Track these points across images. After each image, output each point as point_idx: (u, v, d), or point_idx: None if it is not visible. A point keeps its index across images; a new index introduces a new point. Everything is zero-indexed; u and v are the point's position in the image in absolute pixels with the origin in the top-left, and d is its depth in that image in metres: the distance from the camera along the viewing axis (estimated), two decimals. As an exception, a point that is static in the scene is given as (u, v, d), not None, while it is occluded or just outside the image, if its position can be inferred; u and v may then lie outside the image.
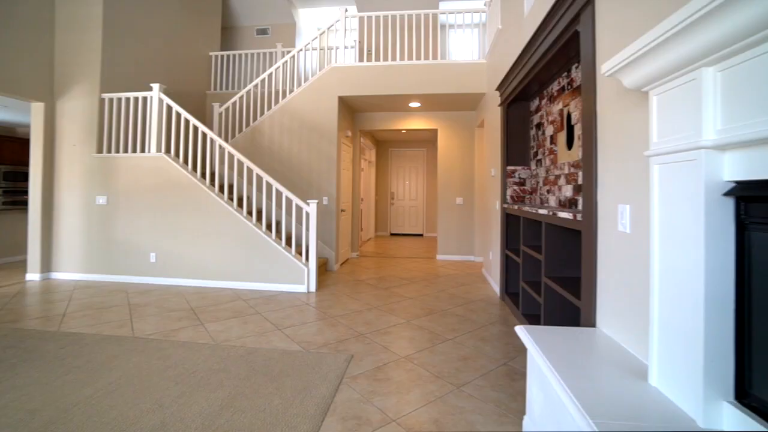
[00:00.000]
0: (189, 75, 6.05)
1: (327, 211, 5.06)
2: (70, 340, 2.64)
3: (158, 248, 4.26)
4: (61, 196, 4.53)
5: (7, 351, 2.44)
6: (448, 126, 6.04)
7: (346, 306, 3.45)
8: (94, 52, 4.55)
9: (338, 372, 2.20)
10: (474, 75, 4.90)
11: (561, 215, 2.20)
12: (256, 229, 4.03)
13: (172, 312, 3.22)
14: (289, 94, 5.30)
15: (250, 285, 4.06)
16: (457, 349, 2.51)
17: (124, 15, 4.83)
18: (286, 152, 5.22)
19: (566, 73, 2.82)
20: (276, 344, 2.58)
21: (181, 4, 5.85)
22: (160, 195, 4.28)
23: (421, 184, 9.17)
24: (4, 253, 5.52)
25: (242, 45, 7.67)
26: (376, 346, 2.56)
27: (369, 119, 6.27)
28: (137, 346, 2.53)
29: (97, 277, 4.37)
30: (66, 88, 4.61)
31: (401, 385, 2.05)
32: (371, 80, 5.05)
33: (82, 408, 1.84)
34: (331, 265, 5.03)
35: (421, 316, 3.18)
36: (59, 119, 4.61)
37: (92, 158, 4.48)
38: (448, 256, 5.93)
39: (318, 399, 1.92)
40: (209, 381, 2.09)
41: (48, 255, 4.50)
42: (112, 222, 4.38)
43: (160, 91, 4.37)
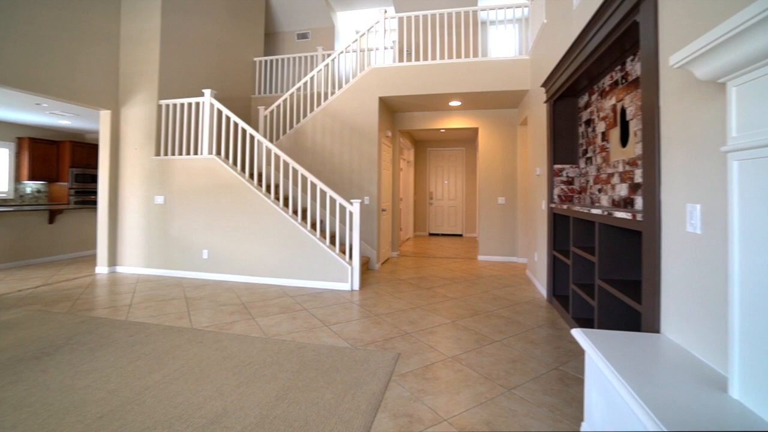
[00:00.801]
0: (235, 80, 6.33)
1: (368, 210, 5.13)
2: (137, 329, 2.86)
3: (210, 245, 4.51)
4: (125, 196, 4.91)
5: (86, 336, 2.68)
6: (489, 124, 5.93)
7: (390, 305, 3.48)
8: (152, 63, 4.88)
9: (387, 369, 2.23)
10: (516, 72, 4.78)
11: (618, 215, 2.11)
12: (301, 228, 4.16)
13: (225, 306, 3.40)
14: (329, 95, 5.41)
15: (296, 282, 4.19)
16: (506, 352, 2.47)
17: (179, 27, 5.14)
18: (328, 153, 5.34)
19: (620, 66, 2.69)
20: (324, 340, 2.65)
21: (228, 13, 6.14)
22: (211, 195, 4.52)
23: (460, 183, 9.05)
24: (77, 247, 6.04)
25: (284, 50, 7.92)
26: (423, 346, 2.57)
27: (408, 119, 6.28)
28: (196, 337, 2.69)
29: (156, 272, 4.69)
30: (128, 97, 4.97)
31: (450, 385, 2.05)
32: (411, 80, 5.06)
33: (152, 392, 1.99)
34: (373, 264, 5.09)
35: (465, 317, 3.15)
36: (123, 125, 4.99)
37: (151, 161, 4.81)
38: (490, 257, 5.82)
39: (369, 395, 1.96)
40: (264, 373, 2.18)
41: (114, 250, 4.88)
42: (168, 220, 4.69)
43: (211, 96, 4.61)
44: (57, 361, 2.33)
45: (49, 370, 2.21)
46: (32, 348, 2.51)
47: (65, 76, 4.33)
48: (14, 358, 2.36)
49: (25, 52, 3.94)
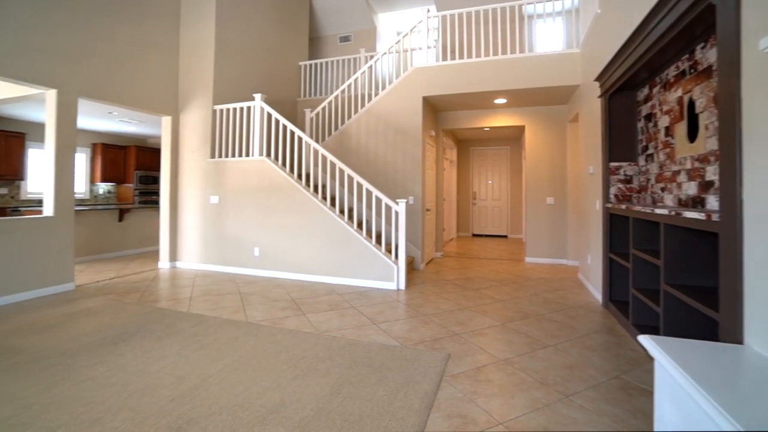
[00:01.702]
0: (282, 84, 6.57)
1: (413, 210, 5.13)
2: (197, 320, 3.05)
3: (261, 243, 4.71)
4: (183, 196, 5.25)
5: (154, 325, 2.91)
6: (536, 122, 5.73)
7: (437, 305, 3.47)
8: (208, 70, 5.18)
9: (438, 369, 2.22)
10: (565, 66, 4.58)
11: (688, 215, 1.96)
12: (348, 227, 4.25)
13: (276, 302, 3.54)
14: (373, 97, 5.47)
15: (342, 280, 4.28)
16: (561, 357, 2.38)
17: (231, 36, 5.42)
18: (373, 153, 5.40)
19: (688, 55, 2.50)
20: (373, 338, 2.69)
21: (275, 21, 6.39)
22: (262, 195, 4.72)
23: (504, 183, 8.82)
24: (141, 244, 6.54)
25: (327, 53, 8.11)
26: (473, 347, 2.53)
27: (452, 118, 6.21)
28: (251, 331, 2.83)
29: (212, 268, 4.98)
30: (187, 103, 5.32)
31: (504, 389, 2.01)
32: (455, 79, 5.00)
33: (216, 379, 2.11)
34: (417, 264, 5.09)
35: (515, 320, 3.07)
36: (182, 130, 5.34)
37: (207, 163, 5.11)
38: (538, 259, 5.62)
39: (421, 394, 1.96)
40: (317, 367, 2.25)
41: (174, 247, 5.25)
42: (222, 219, 4.96)
43: (261, 100, 4.82)
44: (131, 346, 2.54)
45: (126, 354, 2.42)
46: (110, 334, 2.75)
47: (135, 86, 4.71)
48: (96, 342, 2.60)
49: (105, 67, 4.34)
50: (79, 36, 4.08)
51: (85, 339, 2.66)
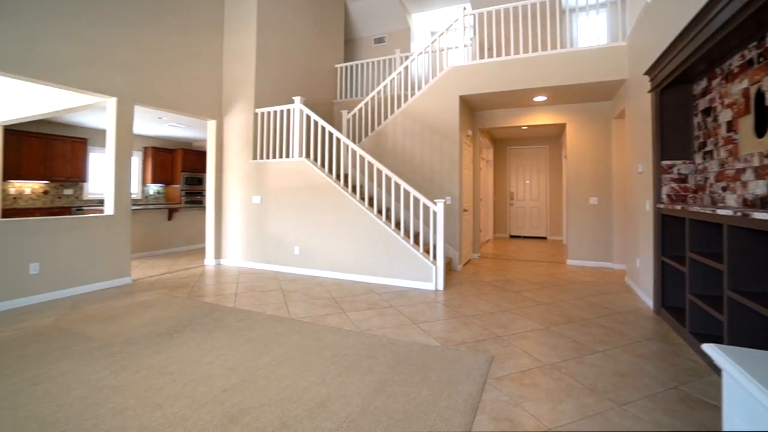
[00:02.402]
0: (319, 86, 6.71)
1: (450, 210, 5.08)
2: (243, 315, 3.18)
3: (301, 242, 4.84)
4: (227, 196, 5.48)
5: (204, 319, 3.06)
6: (578, 119, 5.51)
7: (477, 306, 3.42)
8: (249, 75, 5.38)
9: (481, 371, 2.19)
10: (610, 60, 4.38)
11: (758, 216, 1.82)
12: (386, 227, 4.28)
13: (317, 300, 3.63)
14: (409, 97, 5.47)
15: (380, 280, 4.32)
16: (611, 364, 2.28)
17: (271, 42, 5.60)
18: (409, 154, 5.40)
19: (756, 43, 2.32)
20: (414, 337, 2.70)
21: (312, 25, 6.53)
22: (301, 195, 4.85)
23: (543, 183, 8.55)
24: (188, 242, 6.90)
25: (361, 55, 8.19)
26: (516, 350, 2.48)
27: (489, 117, 6.10)
28: (295, 327, 2.91)
29: (254, 265, 5.17)
30: (230, 107, 5.55)
31: (551, 394, 1.95)
32: (492, 77, 4.90)
33: (263, 372, 2.19)
34: (455, 264, 5.04)
35: (560, 324, 2.97)
36: (226, 133, 5.58)
37: (249, 164, 5.31)
38: (581, 262, 5.41)
39: (465, 395, 1.94)
40: (360, 365, 2.29)
41: (219, 245, 5.49)
42: (264, 218, 5.14)
43: (300, 102, 4.95)
44: (185, 338, 2.68)
45: (180, 345, 2.56)
46: (165, 325, 2.92)
47: (183, 92, 4.98)
48: (153, 332, 2.78)
49: (156, 75, 4.61)
50: (134, 47, 4.36)
51: (144, 329, 2.84)
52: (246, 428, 1.68)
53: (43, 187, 6.86)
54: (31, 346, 2.53)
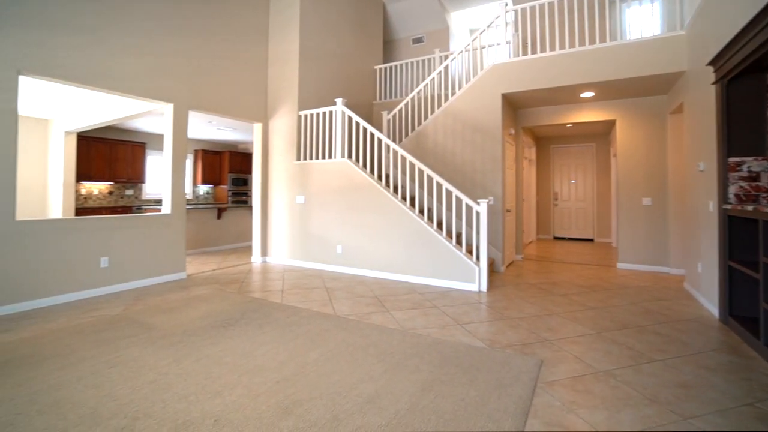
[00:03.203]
0: (359, 88, 6.81)
1: (493, 211, 4.99)
2: (291, 311, 3.30)
3: (343, 241, 4.94)
4: (272, 197, 5.70)
5: (254, 314, 3.20)
6: (629, 115, 5.22)
7: (523, 309, 3.34)
8: (293, 79, 5.56)
9: (531, 375, 2.14)
10: (666, 52, 4.11)
11: None
12: (428, 227, 4.27)
13: (361, 298, 3.69)
14: (450, 96, 5.43)
15: (422, 280, 4.32)
16: (672, 374, 2.15)
17: (312, 46, 5.76)
18: (450, 153, 5.36)
19: None
20: (459, 338, 2.68)
21: (351, 28, 6.63)
22: (344, 195, 4.94)
23: (590, 183, 8.17)
24: (235, 240, 7.24)
25: (400, 56, 8.22)
26: (567, 355, 2.40)
27: (533, 115, 5.92)
28: (340, 324, 2.98)
29: (298, 263, 5.34)
30: (275, 110, 5.76)
31: (607, 402, 1.87)
32: (536, 74, 4.75)
33: (313, 367, 2.26)
34: (498, 266, 4.94)
35: (612, 329, 2.84)
36: (271, 135, 5.80)
37: (293, 165, 5.48)
38: (633, 265, 5.12)
39: (515, 398, 1.91)
40: (406, 363, 2.30)
41: (265, 243, 5.72)
42: (307, 218, 5.29)
43: (342, 104, 5.05)
44: (237, 331, 2.82)
45: (234, 337, 2.70)
46: (219, 318, 3.09)
47: (231, 97, 5.23)
48: (209, 324, 2.95)
49: (207, 81, 4.89)
50: (188, 57, 4.64)
51: (200, 321, 3.02)
52: (299, 419, 1.75)
53: (108, 188, 7.46)
54: (105, 332, 2.77)
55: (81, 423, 1.71)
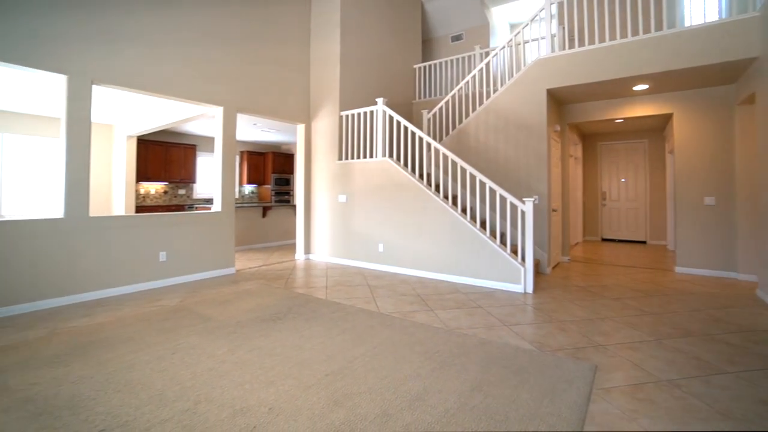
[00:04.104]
0: (398, 87, 6.82)
1: (538, 210, 4.83)
2: (335, 307, 3.37)
3: (385, 240, 4.98)
4: (315, 196, 5.85)
5: (301, 308, 3.31)
6: (689, 108, 4.86)
7: (572, 312, 3.21)
8: (334, 81, 5.67)
9: (585, 380, 2.06)
10: (734, 37, 3.77)
11: None
12: (471, 226, 4.21)
13: (404, 296, 3.70)
14: (491, 94, 5.31)
15: (465, 279, 4.27)
16: (748, 388, 1.98)
17: (353, 47, 5.84)
18: (492, 151, 5.25)
19: None
20: (506, 339, 2.62)
21: (390, 28, 6.65)
22: (385, 194, 4.98)
23: (641, 181, 7.70)
24: (279, 237, 7.51)
25: (439, 54, 8.14)
26: (623, 362, 2.28)
27: (580, 111, 5.67)
28: (385, 321, 3.01)
29: (340, 261, 5.44)
30: (317, 111, 5.90)
31: (673, 413, 1.76)
32: (584, 67, 4.54)
33: (359, 362, 2.30)
34: (543, 267, 4.78)
35: (674, 337, 2.66)
36: (313, 135, 5.95)
37: (335, 164, 5.59)
38: (694, 270, 4.77)
39: (569, 403, 1.84)
40: (453, 363, 2.29)
41: (308, 241, 5.89)
42: (349, 216, 5.38)
43: (383, 104, 5.08)
44: (286, 325, 2.92)
45: (283, 330, 2.80)
46: (268, 312, 3.22)
47: (275, 99, 5.42)
48: (259, 317, 3.07)
49: (253, 84, 5.10)
50: (235, 61, 4.86)
51: (251, 314, 3.16)
52: (350, 412, 1.78)
53: (163, 187, 7.97)
54: (166, 321, 2.97)
55: (150, 402, 1.85)
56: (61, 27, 3.43)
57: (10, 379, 2.09)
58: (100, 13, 3.66)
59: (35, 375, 2.12)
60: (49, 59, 3.36)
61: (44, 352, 2.43)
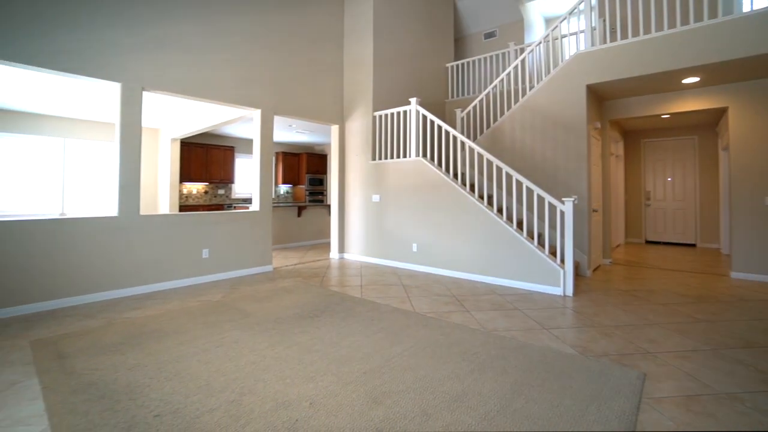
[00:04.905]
0: (431, 87, 6.78)
1: (577, 210, 4.66)
2: (371, 306, 3.40)
3: (419, 239, 4.97)
4: (349, 195, 5.92)
5: (337, 306, 3.36)
6: (746, 101, 4.52)
7: (616, 317, 3.07)
8: (367, 82, 5.71)
9: (633, 388, 1.96)
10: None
11: None
12: (507, 226, 4.12)
13: (439, 297, 3.68)
14: (524, 91, 5.17)
15: (501, 281, 4.19)
16: (818, 403, 1.82)
17: (385, 48, 5.86)
18: (529, 150, 5.11)
19: None
20: (546, 343, 2.55)
21: (422, 27, 6.62)
22: (418, 193, 4.97)
23: (690, 180, 7.25)
24: (313, 237, 7.66)
25: (471, 52, 8.01)
26: (675, 371, 2.15)
27: (622, 106, 5.41)
28: (420, 321, 3.00)
29: (374, 260, 5.48)
30: (350, 112, 5.97)
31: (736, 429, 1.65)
32: (627, 61, 4.32)
33: (397, 361, 2.31)
34: (583, 270, 4.60)
35: (732, 347, 2.48)
36: (347, 136, 6.02)
37: (368, 164, 5.64)
38: (753, 276, 4.42)
39: (617, 412, 1.76)
40: (492, 365, 2.25)
41: (342, 241, 5.97)
42: (383, 216, 5.41)
43: (416, 103, 5.07)
44: (323, 322, 2.98)
45: (320, 327, 2.86)
46: (306, 309, 3.29)
47: (311, 101, 5.54)
48: (297, 314, 3.15)
49: (289, 87, 5.23)
50: (271, 65, 5.01)
51: (289, 311, 3.24)
52: (389, 410, 1.79)
53: (204, 188, 8.34)
54: (210, 316, 3.11)
55: (199, 392, 1.94)
56: (116, 38, 3.67)
57: (77, 363, 2.26)
58: (150, 24, 3.89)
59: (96, 361, 2.29)
60: (106, 69, 3.61)
61: (103, 340, 2.61)
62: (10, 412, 1.77)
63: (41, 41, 3.26)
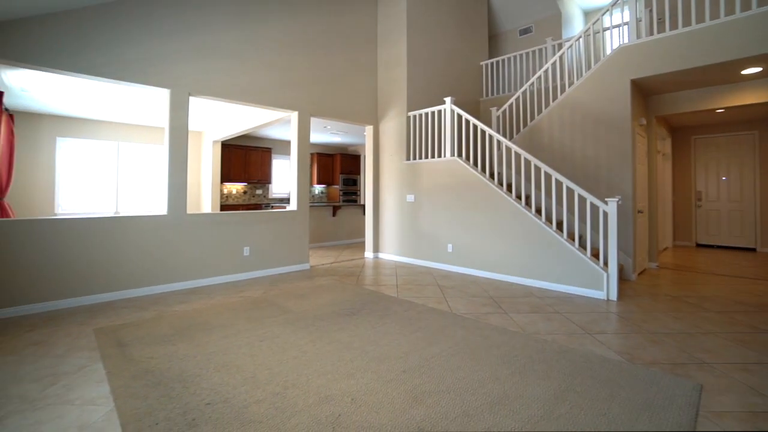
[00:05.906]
0: (465, 86, 6.70)
1: (621, 211, 4.45)
2: (407, 306, 3.41)
3: (454, 240, 4.93)
4: (383, 195, 5.96)
5: (373, 305, 3.40)
6: (819, 92, 4.15)
7: (665, 323, 2.92)
8: (401, 81, 5.72)
9: (688, 400, 1.86)
10: None
11: None
12: (546, 228, 4.01)
13: (475, 298, 3.64)
14: (563, 88, 5.00)
15: (540, 283, 4.08)
16: None
17: (419, 47, 5.84)
18: (568, 148, 4.94)
19: None
20: (590, 348, 2.46)
21: (456, 25, 6.54)
22: (454, 193, 4.93)
23: (748, 179, 6.73)
24: (348, 236, 7.79)
25: (506, 49, 7.83)
26: (736, 383, 2.02)
27: (669, 101, 5.12)
28: (458, 322, 2.98)
29: (408, 260, 5.50)
30: (384, 112, 6.00)
31: (805, 445, 1.53)
32: (677, 53, 4.06)
33: (436, 361, 2.31)
34: (628, 273, 4.40)
35: (801, 359, 2.30)
36: (381, 136, 6.07)
37: (403, 164, 5.65)
38: (819, 282, 4.08)
39: (672, 423, 1.68)
40: (534, 368, 2.20)
41: (377, 240, 6.03)
42: (417, 216, 5.41)
43: (451, 103, 5.02)
44: (360, 320, 3.03)
45: (358, 325, 2.90)
46: (343, 307, 3.36)
47: (346, 103, 5.62)
48: (334, 312, 3.22)
49: (325, 89, 5.35)
50: (309, 68, 5.13)
51: (327, 308, 3.32)
52: (430, 410, 1.80)
53: (243, 188, 8.67)
54: (252, 311, 3.23)
55: (246, 383, 2.03)
56: (165, 47, 3.89)
57: (134, 351, 2.42)
58: (195, 32, 4.09)
59: (151, 350, 2.44)
60: (156, 76, 3.83)
61: (156, 331, 2.78)
62: (82, 392, 1.94)
63: (108, 54, 3.53)
